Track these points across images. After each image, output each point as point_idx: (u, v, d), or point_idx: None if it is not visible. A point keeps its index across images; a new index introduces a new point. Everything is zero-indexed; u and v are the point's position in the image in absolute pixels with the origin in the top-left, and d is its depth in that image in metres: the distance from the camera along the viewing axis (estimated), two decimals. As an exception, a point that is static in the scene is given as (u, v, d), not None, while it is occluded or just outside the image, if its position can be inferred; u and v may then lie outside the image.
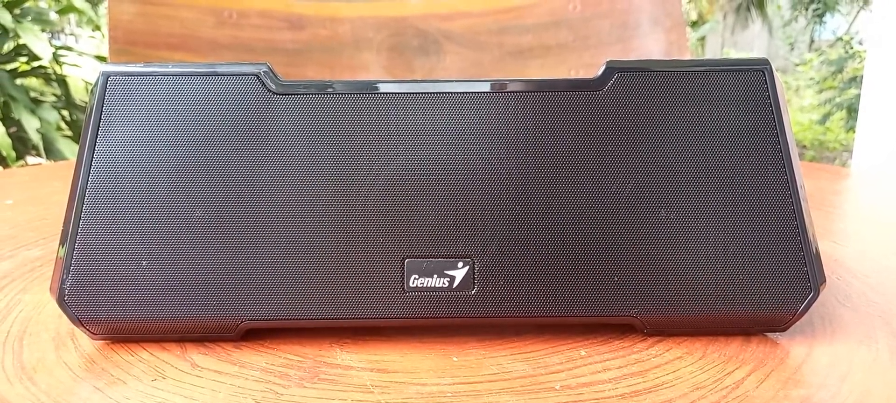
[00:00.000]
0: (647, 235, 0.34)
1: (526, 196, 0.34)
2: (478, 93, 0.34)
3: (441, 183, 0.34)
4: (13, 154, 2.27)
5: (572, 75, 1.09)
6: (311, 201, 0.33)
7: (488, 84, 0.34)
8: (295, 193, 0.33)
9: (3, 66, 2.48)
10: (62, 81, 2.70)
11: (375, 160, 0.34)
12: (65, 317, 0.33)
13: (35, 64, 2.64)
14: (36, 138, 2.35)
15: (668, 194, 0.34)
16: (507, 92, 0.34)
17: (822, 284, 0.33)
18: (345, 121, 0.34)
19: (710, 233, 0.34)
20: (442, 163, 0.34)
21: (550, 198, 0.34)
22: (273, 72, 0.34)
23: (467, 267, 0.34)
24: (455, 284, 0.34)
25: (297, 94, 0.34)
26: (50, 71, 2.68)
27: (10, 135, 2.33)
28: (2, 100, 2.37)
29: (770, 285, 0.33)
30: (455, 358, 0.33)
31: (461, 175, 0.34)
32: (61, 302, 0.33)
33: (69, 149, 2.45)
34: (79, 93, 2.91)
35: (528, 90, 0.34)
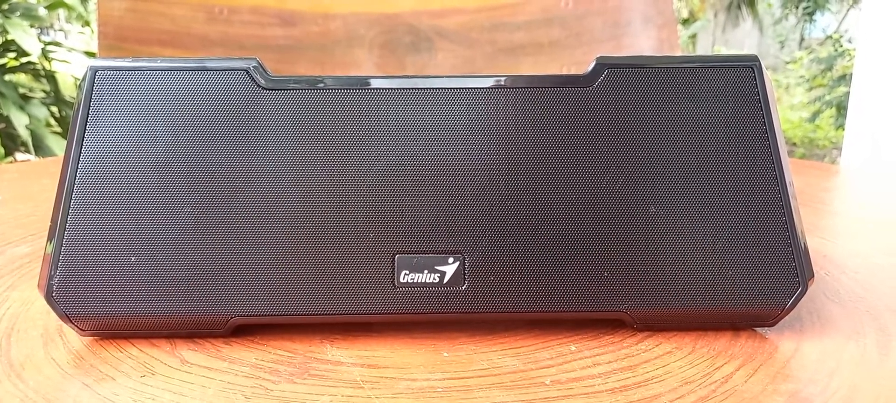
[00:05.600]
0: (637, 231, 0.34)
1: (516, 192, 0.34)
2: (469, 88, 0.34)
3: (431, 178, 0.34)
4: (2, 151, 2.25)
5: (564, 72, 1.09)
6: (302, 196, 0.33)
7: (479, 80, 0.34)
8: (285, 189, 0.33)
9: (-9, 62, 2.46)
10: (51, 77, 2.68)
11: (366, 155, 0.34)
12: (53, 314, 0.33)
13: (24, 60, 2.62)
14: (25, 135, 2.33)
15: (657, 190, 0.34)
16: (498, 88, 0.34)
17: (810, 279, 0.34)
18: (335, 116, 0.34)
19: (700, 229, 0.34)
20: (432, 159, 0.34)
21: (541, 194, 0.34)
22: (263, 68, 0.34)
23: (458, 262, 0.34)
24: (445, 280, 0.34)
25: (287, 90, 0.34)
26: (39, 67, 2.66)
27: (-2, 131, 2.31)
28: (-10, 96, 2.35)
29: (759, 280, 0.34)
30: (445, 354, 0.33)
31: (452, 170, 0.34)
32: (49, 298, 0.33)
33: (58, 145, 2.43)
34: (68, 90, 2.89)
35: (519, 86, 0.34)
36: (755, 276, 0.34)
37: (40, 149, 2.43)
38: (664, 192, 0.34)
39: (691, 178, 0.34)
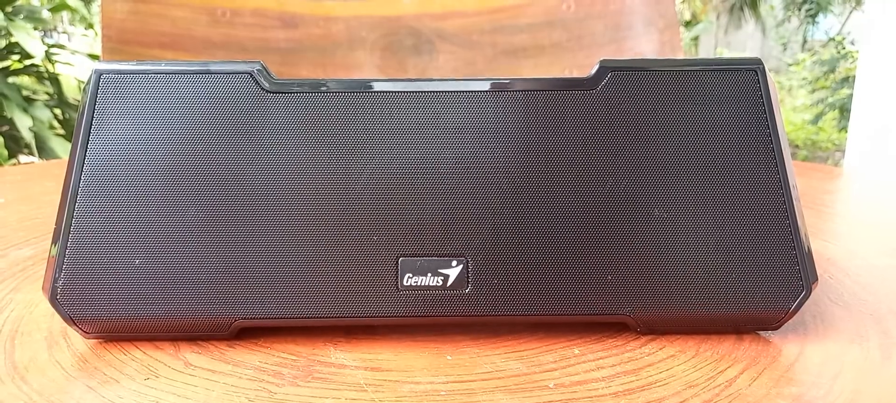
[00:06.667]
0: (641, 234, 0.34)
1: (520, 195, 0.34)
2: (471, 91, 0.34)
3: (435, 181, 0.34)
4: (5, 153, 2.26)
5: (566, 75, 1.09)
6: (305, 199, 0.33)
7: (482, 83, 0.34)
8: (289, 192, 0.33)
9: (-6, 65, 2.47)
10: (55, 80, 2.68)
11: (369, 158, 0.34)
12: (57, 316, 0.33)
13: (27, 62, 2.62)
14: (28, 137, 2.34)
15: (661, 193, 0.34)
16: (501, 90, 0.34)
17: (814, 283, 0.34)
18: (338, 119, 0.34)
19: (703, 232, 0.34)
20: (436, 162, 0.34)
21: (544, 197, 0.34)
22: (267, 71, 0.34)
23: (461, 265, 0.34)
24: (449, 283, 0.34)
25: (291, 93, 0.34)
26: (42, 69, 2.67)
27: (2, 133, 2.32)
28: (-6, 98, 2.36)
29: (762, 283, 0.34)
30: (449, 357, 0.33)
31: (455, 173, 0.34)
32: (54, 300, 0.33)
33: (62, 147, 2.44)
34: (71, 92, 2.90)
35: (522, 89, 0.34)
36: (759, 280, 0.34)
37: (44, 151, 2.44)
38: (668, 195, 0.34)
39: (695, 181, 0.34)
